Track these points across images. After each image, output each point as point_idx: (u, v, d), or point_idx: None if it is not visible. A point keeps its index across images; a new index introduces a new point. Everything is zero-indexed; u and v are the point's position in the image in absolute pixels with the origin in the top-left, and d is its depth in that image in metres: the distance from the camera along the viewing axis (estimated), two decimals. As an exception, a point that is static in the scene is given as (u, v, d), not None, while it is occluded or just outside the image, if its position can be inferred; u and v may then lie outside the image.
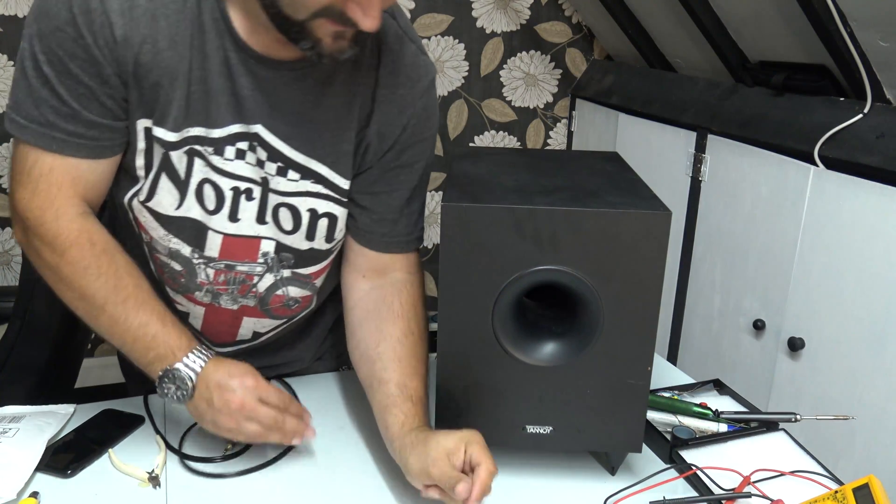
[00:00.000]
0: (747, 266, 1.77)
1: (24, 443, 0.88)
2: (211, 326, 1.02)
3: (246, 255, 0.94)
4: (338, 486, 0.88)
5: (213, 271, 0.94)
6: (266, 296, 0.98)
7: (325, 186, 0.92)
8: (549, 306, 0.88)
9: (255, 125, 0.87)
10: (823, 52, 1.54)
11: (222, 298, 0.97)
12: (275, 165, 0.89)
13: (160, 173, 0.87)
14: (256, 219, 0.92)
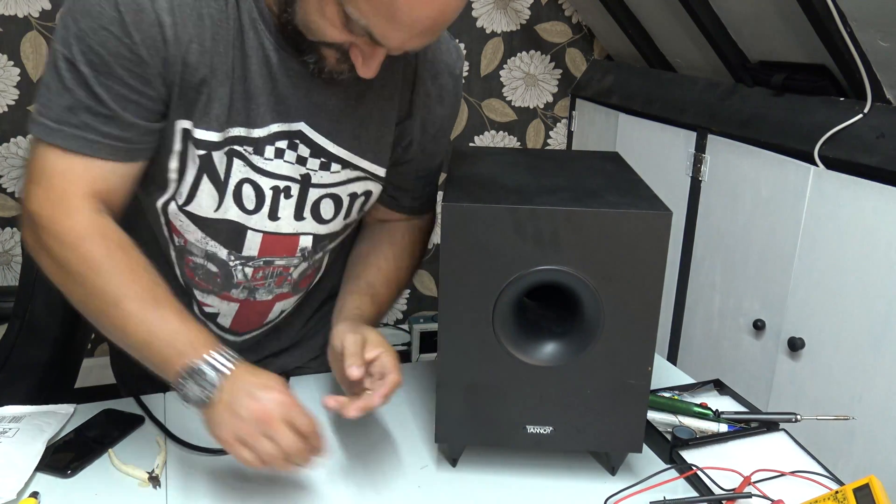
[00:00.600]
0: (747, 266, 1.77)
1: (24, 443, 0.88)
2: (242, 319, 1.02)
3: (285, 251, 0.95)
4: (337, 486, 0.88)
5: (251, 270, 0.95)
6: (299, 279, 1.01)
7: (365, 173, 0.95)
8: (549, 306, 0.88)
9: (298, 123, 0.88)
10: (823, 52, 1.54)
11: (258, 292, 0.99)
12: (318, 161, 0.91)
13: (201, 175, 0.86)
14: (295, 216, 0.93)
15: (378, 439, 0.97)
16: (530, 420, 0.86)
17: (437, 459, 0.93)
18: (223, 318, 1.02)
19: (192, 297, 1.00)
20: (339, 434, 0.98)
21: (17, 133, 2.08)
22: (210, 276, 0.96)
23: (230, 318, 1.02)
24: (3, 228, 2.18)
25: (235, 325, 1.04)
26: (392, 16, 0.71)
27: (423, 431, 0.99)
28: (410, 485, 0.88)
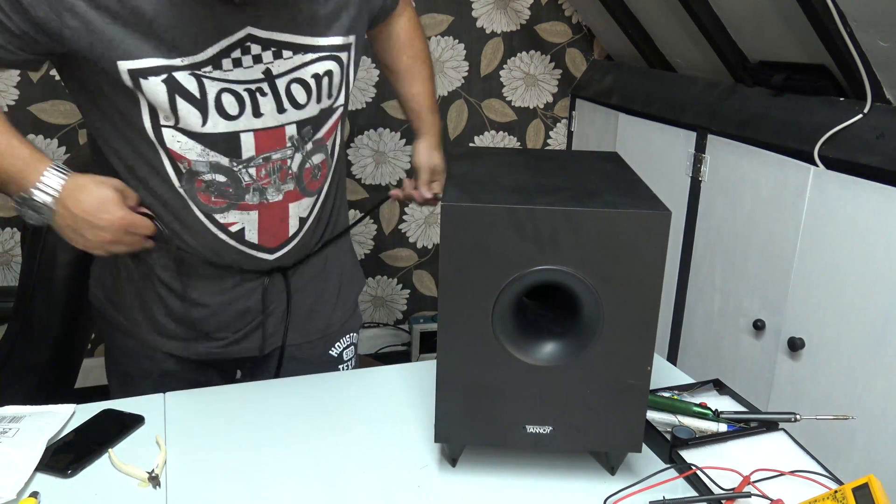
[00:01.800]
0: (747, 266, 1.77)
1: (24, 443, 0.88)
2: (266, 229, 1.08)
3: (276, 143, 1.03)
4: (338, 486, 0.88)
5: (254, 169, 1.02)
6: (299, 174, 1.07)
7: (318, 51, 1.03)
8: (549, 306, 0.88)
9: (242, 30, 0.95)
10: (823, 52, 1.54)
11: (268, 192, 1.05)
12: (269, 52, 0.98)
13: (173, 95, 0.93)
14: (277, 110, 1.01)
15: (378, 439, 0.97)
16: (530, 420, 0.86)
17: (437, 459, 0.93)
18: (250, 233, 1.07)
19: (215, 222, 1.05)
20: (339, 434, 0.98)
21: (18, 133, 2.09)
22: (222, 189, 1.02)
23: (255, 231, 1.07)
24: (2, 228, 2.18)
25: (263, 238, 1.09)
26: None
27: (423, 431, 0.99)
28: (410, 485, 0.88)
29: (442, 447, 0.94)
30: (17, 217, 2.15)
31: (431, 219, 2.62)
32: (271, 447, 0.94)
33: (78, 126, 2.13)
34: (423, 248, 2.65)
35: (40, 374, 1.29)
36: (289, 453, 0.93)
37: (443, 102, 2.48)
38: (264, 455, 0.93)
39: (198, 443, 0.95)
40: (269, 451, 0.94)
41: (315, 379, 1.14)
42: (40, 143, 2.11)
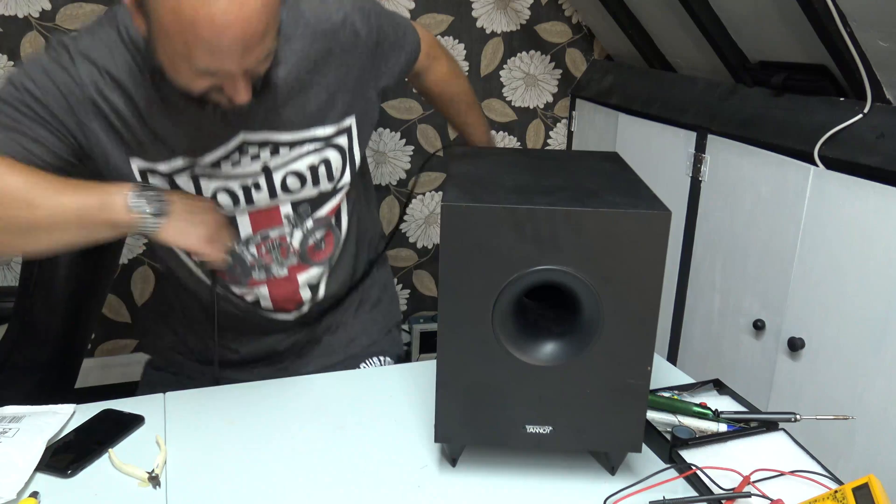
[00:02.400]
0: (747, 266, 1.77)
1: (24, 443, 0.88)
2: (278, 297, 1.15)
3: (272, 221, 1.09)
4: (338, 486, 0.88)
5: (254, 248, 1.10)
6: (302, 249, 1.13)
7: (313, 142, 1.07)
8: (549, 306, 0.88)
9: (236, 137, 1.02)
10: (823, 52, 1.54)
11: (273, 269, 1.13)
12: (267, 150, 1.05)
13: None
14: (269, 197, 1.07)
15: (378, 439, 0.97)
16: (530, 420, 0.86)
17: (437, 459, 0.93)
18: (264, 301, 1.15)
19: (233, 293, 1.14)
20: (339, 434, 0.98)
21: (18, 133, 2.09)
22: (231, 270, 1.10)
23: (269, 301, 1.15)
24: (3, 228, 2.18)
25: (278, 305, 1.16)
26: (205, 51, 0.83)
27: (423, 431, 0.99)
28: (410, 485, 0.88)
29: (442, 447, 0.94)
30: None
31: (431, 219, 2.62)
32: (271, 447, 0.94)
33: (78, 126, 2.13)
34: (423, 248, 2.65)
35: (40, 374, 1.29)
36: (289, 453, 0.93)
37: (443, 102, 2.48)
38: (264, 455, 0.93)
39: (198, 443, 0.95)
40: (269, 451, 0.94)
41: (315, 379, 1.14)
42: (40, 143, 2.11)
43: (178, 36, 0.83)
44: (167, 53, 0.87)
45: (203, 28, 0.81)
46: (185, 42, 0.83)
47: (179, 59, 0.86)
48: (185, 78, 0.89)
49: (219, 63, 0.86)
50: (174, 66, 0.88)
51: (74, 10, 2.04)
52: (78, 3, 2.03)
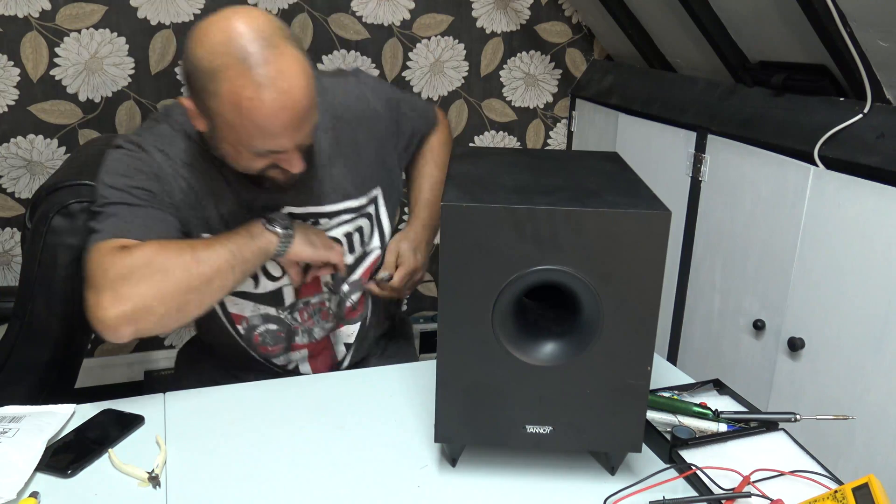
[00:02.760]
0: (747, 266, 1.77)
1: (24, 443, 0.88)
2: (317, 360, 1.27)
3: (314, 290, 1.21)
4: (338, 486, 0.88)
5: (297, 314, 1.21)
6: (339, 311, 1.25)
7: (347, 213, 1.20)
8: (549, 306, 0.88)
9: (282, 209, 1.14)
10: (823, 52, 1.54)
11: (315, 331, 1.24)
12: (308, 223, 1.17)
13: None
14: None
15: (378, 439, 0.97)
16: (530, 420, 0.86)
17: (437, 459, 0.93)
18: (304, 367, 1.26)
19: (273, 364, 1.25)
20: (339, 434, 0.98)
21: (17, 133, 2.08)
22: (275, 336, 1.22)
23: (307, 364, 1.26)
24: (2, 228, 2.18)
25: (315, 368, 1.27)
26: (267, 135, 0.97)
27: (423, 431, 0.99)
28: (410, 485, 0.88)
29: (442, 447, 0.94)
30: (17, 217, 2.16)
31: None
32: (271, 447, 0.95)
33: (78, 126, 2.13)
34: (423, 248, 2.65)
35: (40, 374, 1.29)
36: (289, 453, 0.93)
37: (443, 102, 2.48)
38: (264, 455, 0.93)
39: (198, 443, 0.95)
40: (269, 450, 0.94)
41: (315, 379, 1.15)
42: (40, 143, 2.11)
43: (239, 127, 0.96)
44: (230, 142, 1.00)
45: (259, 117, 0.95)
46: (246, 130, 0.96)
47: (241, 146, 1.00)
48: (246, 161, 1.02)
49: (275, 144, 0.99)
50: (236, 153, 1.02)
51: (74, 10, 2.04)
52: (78, 3, 2.03)
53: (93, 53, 2.08)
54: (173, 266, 0.98)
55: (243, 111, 0.94)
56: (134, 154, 1.08)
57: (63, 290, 1.23)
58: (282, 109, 0.95)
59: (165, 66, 2.15)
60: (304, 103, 0.97)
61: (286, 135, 0.98)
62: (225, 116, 0.96)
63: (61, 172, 1.35)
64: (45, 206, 1.22)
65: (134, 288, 0.95)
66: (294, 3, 2.20)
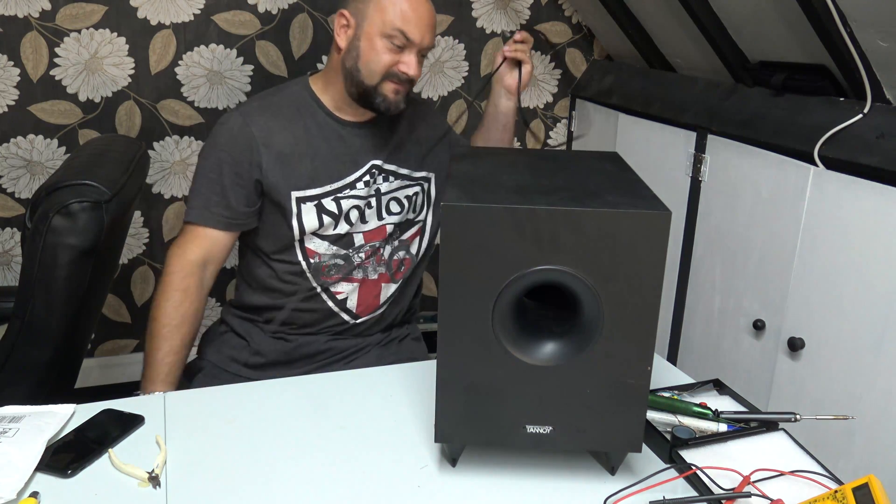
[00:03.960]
0: (747, 266, 1.77)
1: (24, 443, 0.88)
2: (363, 300, 1.45)
3: (377, 237, 1.44)
4: (338, 486, 0.88)
5: (362, 254, 1.42)
6: (389, 261, 1.46)
7: (411, 180, 1.47)
8: (549, 306, 0.88)
9: (369, 161, 1.41)
10: (823, 52, 1.54)
11: (368, 271, 1.44)
12: (381, 176, 1.43)
13: (320, 215, 1.36)
14: (378, 217, 1.43)
15: (378, 439, 0.97)
16: (530, 420, 0.86)
17: (437, 459, 0.93)
18: (350, 302, 1.43)
19: (328, 292, 1.42)
20: (339, 434, 0.98)
21: (17, 133, 2.08)
22: (339, 268, 1.41)
23: (355, 300, 1.44)
24: (3, 228, 2.18)
25: (359, 305, 1.44)
26: (408, 18, 1.29)
27: (423, 431, 0.99)
28: (410, 485, 0.88)
29: (442, 447, 0.94)
30: (17, 217, 2.16)
31: (431, 219, 2.62)
32: (271, 447, 0.95)
33: (78, 126, 2.13)
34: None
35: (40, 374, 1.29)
36: (289, 453, 0.93)
37: (443, 102, 2.48)
38: (264, 455, 0.93)
39: (198, 443, 0.95)
40: (269, 451, 0.94)
41: (315, 379, 1.15)
42: (40, 143, 2.11)
43: (388, 6, 1.28)
44: (369, 35, 1.30)
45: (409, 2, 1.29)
46: (394, 8, 1.28)
47: (381, 32, 1.29)
48: (378, 55, 1.30)
49: (411, 29, 1.28)
50: (370, 48, 1.30)
51: (74, 10, 2.04)
52: (78, 3, 2.03)
53: (93, 53, 2.08)
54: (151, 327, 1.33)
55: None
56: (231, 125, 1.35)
57: (63, 290, 1.23)
58: (423, 4, 1.30)
59: (165, 66, 2.16)
60: (432, 13, 1.33)
61: (421, 25, 1.29)
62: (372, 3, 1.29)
63: (61, 172, 1.35)
64: (45, 206, 1.22)
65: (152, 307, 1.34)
66: (294, 3, 2.20)
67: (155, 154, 2.22)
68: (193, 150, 2.26)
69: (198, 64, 2.18)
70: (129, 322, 2.37)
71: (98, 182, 1.25)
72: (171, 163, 2.25)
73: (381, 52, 1.29)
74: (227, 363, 1.45)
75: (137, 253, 2.31)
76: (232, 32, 2.18)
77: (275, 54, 2.24)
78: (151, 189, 2.25)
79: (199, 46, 2.17)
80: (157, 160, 2.23)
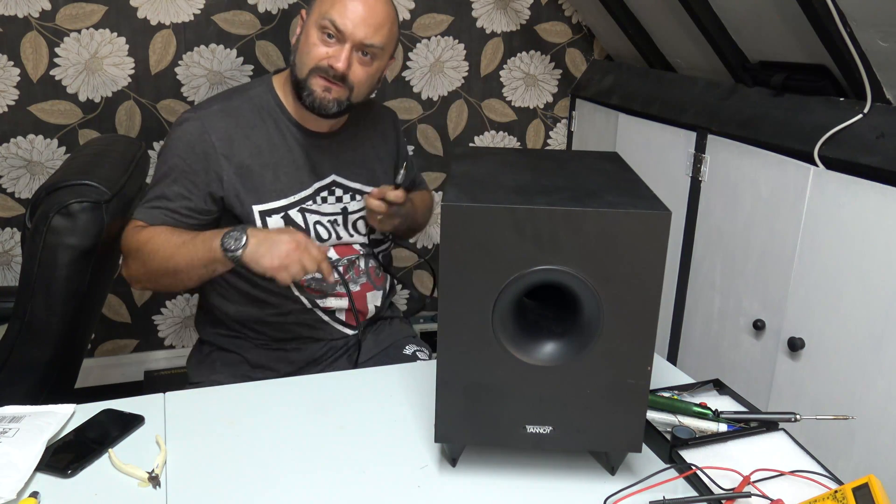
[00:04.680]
0: (747, 266, 1.77)
1: (24, 443, 0.88)
2: (351, 314, 1.42)
3: (350, 251, 1.42)
4: (338, 486, 0.88)
5: (341, 267, 1.40)
6: (366, 270, 1.45)
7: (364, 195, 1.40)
8: (549, 306, 0.88)
9: (330, 176, 1.39)
10: (823, 52, 1.54)
11: (350, 284, 1.41)
12: (348, 195, 1.41)
13: (288, 226, 1.32)
14: (348, 234, 1.41)
15: (378, 439, 0.97)
16: (530, 420, 0.86)
17: (437, 459, 0.93)
18: (339, 314, 1.42)
19: (316, 305, 1.39)
20: (339, 434, 0.98)
21: (17, 133, 2.08)
22: (318, 282, 1.38)
23: (344, 313, 1.42)
24: (3, 228, 2.18)
25: (349, 318, 1.42)
26: (341, 9, 1.23)
27: (423, 431, 0.99)
28: (410, 485, 0.88)
29: (442, 447, 0.94)
30: (17, 217, 2.16)
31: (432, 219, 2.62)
32: (271, 447, 0.95)
33: (78, 126, 2.13)
34: (423, 247, 2.64)
35: (40, 374, 1.29)
36: (289, 453, 0.93)
37: (442, 102, 2.48)
38: (264, 455, 0.93)
39: (198, 443, 0.95)
40: (269, 450, 0.94)
41: (315, 379, 1.15)
42: (40, 143, 2.11)
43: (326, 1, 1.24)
44: (309, 27, 1.26)
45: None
46: (331, 1, 1.24)
47: (316, 24, 1.25)
48: (310, 43, 1.25)
49: (343, 21, 1.23)
50: (307, 37, 1.26)
51: (74, 10, 2.04)
52: (78, 3, 2.03)
53: (93, 53, 2.08)
54: (157, 255, 1.24)
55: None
56: (188, 129, 1.30)
57: (63, 290, 1.23)
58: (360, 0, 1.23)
59: (165, 66, 2.16)
60: (380, 12, 1.25)
61: (355, 17, 1.23)
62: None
63: (61, 172, 1.35)
64: (45, 206, 1.22)
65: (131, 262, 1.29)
66: (294, 3, 2.20)
67: (155, 154, 2.22)
68: (193, 150, 2.25)
69: (198, 64, 2.18)
70: (129, 322, 2.37)
71: (98, 182, 1.25)
72: (171, 163, 2.25)
73: (313, 43, 1.25)
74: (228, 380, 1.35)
75: (137, 253, 2.31)
76: (232, 32, 2.18)
77: (275, 54, 2.24)
78: (151, 189, 2.25)
79: (199, 46, 2.17)
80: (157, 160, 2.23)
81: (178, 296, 2.39)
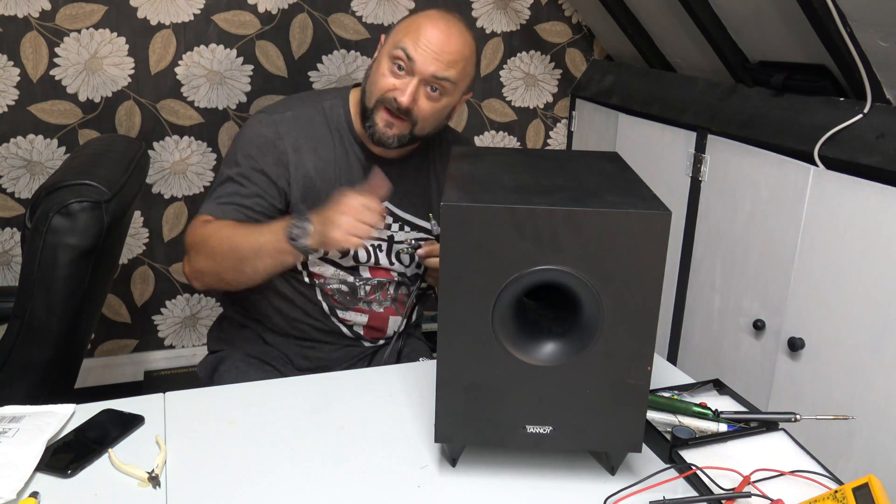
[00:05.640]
0: (747, 266, 1.77)
1: (24, 443, 0.88)
2: (370, 329, 1.42)
3: (385, 275, 1.39)
4: (338, 486, 0.88)
5: (369, 287, 1.39)
6: (395, 296, 1.42)
7: (422, 231, 1.40)
8: (549, 306, 0.88)
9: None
10: (823, 52, 1.54)
11: (373, 304, 1.40)
12: (397, 225, 1.38)
13: None
14: (388, 262, 1.38)
15: (378, 439, 0.97)
16: (530, 420, 0.86)
17: (437, 459, 0.93)
18: (357, 328, 1.41)
19: (336, 316, 1.39)
20: (339, 434, 0.98)
21: (17, 133, 2.08)
22: (343, 295, 1.38)
23: (363, 328, 1.41)
24: (2, 228, 2.18)
25: (367, 333, 1.42)
26: (416, 39, 1.21)
27: (423, 431, 0.99)
28: (410, 485, 0.88)
29: (442, 447, 0.94)
30: (17, 217, 2.16)
31: (431, 219, 2.62)
32: (271, 447, 0.95)
33: (78, 126, 2.13)
34: (423, 248, 2.65)
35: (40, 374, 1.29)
36: (289, 453, 0.93)
37: (443, 102, 2.48)
38: (264, 455, 0.93)
39: (198, 443, 0.95)
40: (269, 450, 0.94)
41: (315, 379, 1.15)
42: (40, 143, 2.11)
43: (400, 27, 1.25)
44: (382, 55, 1.25)
45: (421, 22, 1.22)
46: (403, 28, 1.24)
47: (387, 52, 1.23)
48: (381, 72, 1.23)
49: (415, 50, 1.20)
50: (377, 67, 1.25)
51: (74, 10, 2.04)
52: (78, 3, 2.03)
53: (93, 53, 2.08)
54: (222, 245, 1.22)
55: (412, 18, 1.25)
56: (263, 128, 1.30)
57: (63, 290, 1.23)
58: (437, 30, 1.20)
59: (165, 66, 2.16)
60: (454, 46, 1.21)
61: (428, 50, 1.19)
62: (397, 26, 1.26)
63: (61, 172, 1.35)
64: (45, 206, 1.22)
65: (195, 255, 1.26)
66: (294, 3, 2.20)
67: (155, 154, 2.22)
68: (193, 150, 2.26)
69: (198, 64, 2.18)
70: (129, 322, 2.37)
71: (98, 182, 1.25)
72: (170, 163, 2.25)
73: (382, 73, 1.23)
74: (247, 359, 1.41)
75: (137, 253, 2.31)
76: (232, 32, 2.19)
77: (275, 54, 2.24)
78: (151, 189, 2.25)
79: (199, 46, 2.17)
80: (157, 160, 2.23)
81: (178, 296, 2.39)
